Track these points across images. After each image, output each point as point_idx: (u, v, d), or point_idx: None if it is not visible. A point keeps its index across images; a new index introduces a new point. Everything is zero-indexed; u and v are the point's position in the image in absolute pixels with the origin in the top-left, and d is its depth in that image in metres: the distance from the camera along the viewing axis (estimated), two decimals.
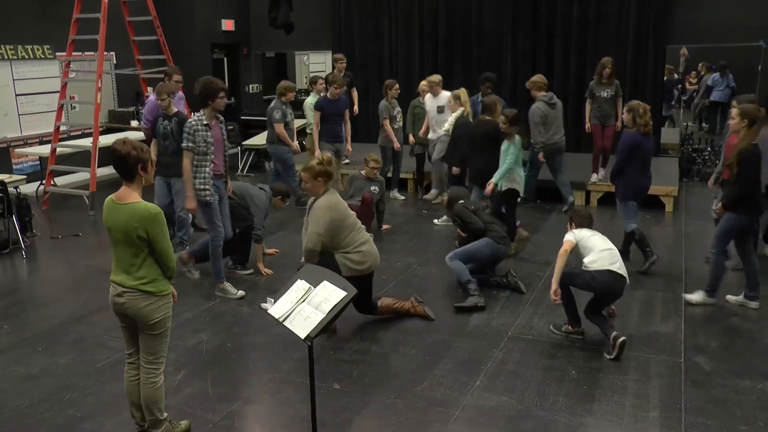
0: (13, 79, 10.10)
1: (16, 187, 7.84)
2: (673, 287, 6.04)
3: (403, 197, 9.36)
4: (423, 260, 6.83)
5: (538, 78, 8.25)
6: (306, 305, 3.37)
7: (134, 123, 11.45)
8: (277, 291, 3.66)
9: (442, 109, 8.61)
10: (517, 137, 6.83)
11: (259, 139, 11.05)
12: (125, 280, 3.49)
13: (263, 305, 5.31)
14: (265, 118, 9.79)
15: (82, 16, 9.31)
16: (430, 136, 8.86)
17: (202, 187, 5.60)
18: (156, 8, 10.11)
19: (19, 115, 10.24)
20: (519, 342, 5.01)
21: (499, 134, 6.90)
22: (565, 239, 5.09)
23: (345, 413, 4.11)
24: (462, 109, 8.10)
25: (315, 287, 3.42)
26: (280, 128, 8.16)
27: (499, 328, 5.25)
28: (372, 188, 7.51)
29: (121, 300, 3.51)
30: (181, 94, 7.82)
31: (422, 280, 6.35)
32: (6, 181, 7.52)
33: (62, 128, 9.81)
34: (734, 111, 5.45)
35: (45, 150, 9.68)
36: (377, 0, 12.11)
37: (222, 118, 5.84)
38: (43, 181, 9.49)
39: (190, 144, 5.53)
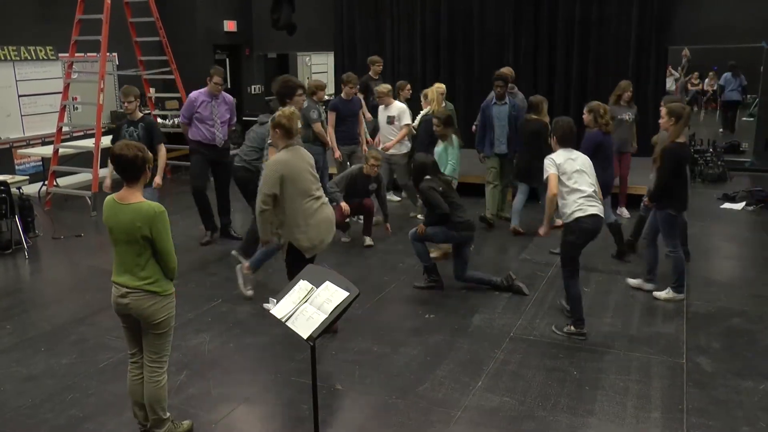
0: (16, 80, 10.12)
1: (18, 188, 7.87)
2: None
3: (399, 198, 9.28)
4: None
5: (507, 70, 8.38)
6: (308, 305, 3.38)
7: None
8: (279, 291, 3.67)
9: (392, 120, 8.12)
10: (453, 137, 7.04)
11: None
12: (129, 281, 3.50)
13: (266, 305, 5.32)
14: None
15: (85, 17, 9.33)
16: (393, 150, 8.19)
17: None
18: (158, 9, 10.13)
19: (21, 115, 10.26)
20: (521, 343, 5.01)
21: (546, 133, 6.98)
22: (549, 175, 5.09)
23: (347, 413, 4.11)
24: (429, 107, 8.10)
25: (317, 288, 3.43)
26: (318, 127, 7.71)
27: (501, 328, 5.25)
28: (371, 186, 7.41)
29: (125, 301, 3.51)
30: (229, 98, 7.53)
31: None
32: (9, 181, 7.53)
33: (65, 129, 9.83)
34: (663, 110, 5.71)
35: (47, 151, 9.70)
36: (379, 1, 12.12)
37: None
38: (46, 182, 9.51)
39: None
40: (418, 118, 8.30)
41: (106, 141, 9.23)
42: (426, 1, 11.71)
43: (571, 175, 5.09)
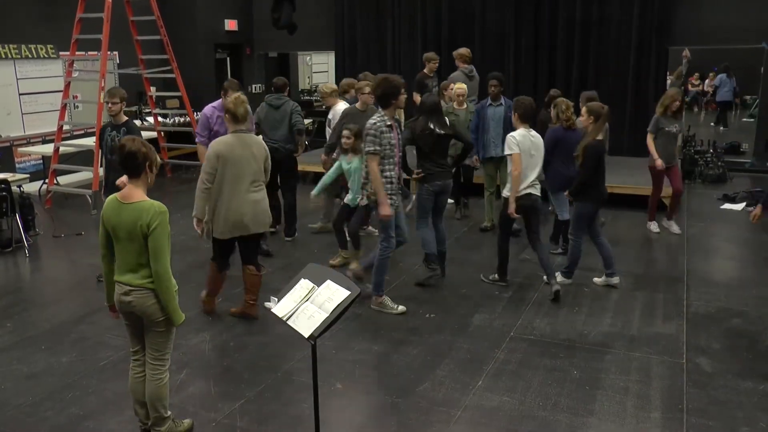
0: (17, 78, 10.12)
1: (19, 186, 7.88)
2: (675, 289, 6.04)
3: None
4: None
5: (465, 50, 8.93)
6: (309, 304, 3.38)
7: (137, 122, 11.45)
8: (280, 290, 3.67)
9: (329, 123, 7.59)
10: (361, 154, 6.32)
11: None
12: (132, 279, 3.50)
13: (267, 304, 5.31)
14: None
15: (86, 16, 9.34)
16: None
17: (369, 189, 5.32)
18: (159, 8, 10.14)
19: (22, 114, 10.27)
20: (521, 342, 5.01)
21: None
22: (512, 155, 5.61)
23: (347, 413, 4.12)
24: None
25: (318, 286, 3.43)
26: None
27: (500, 328, 5.26)
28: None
29: (128, 299, 3.52)
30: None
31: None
32: (9, 179, 7.53)
33: (65, 127, 9.83)
34: (583, 110, 5.97)
35: (48, 149, 9.71)
36: (380, 1, 12.13)
37: (398, 118, 5.52)
38: (46, 180, 9.51)
39: (376, 147, 5.15)
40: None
41: None
42: (427, 1, 11.72)
43: (525, 157, 5.67)
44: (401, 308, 5.59)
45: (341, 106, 7.45)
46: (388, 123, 5.22)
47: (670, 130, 7.42)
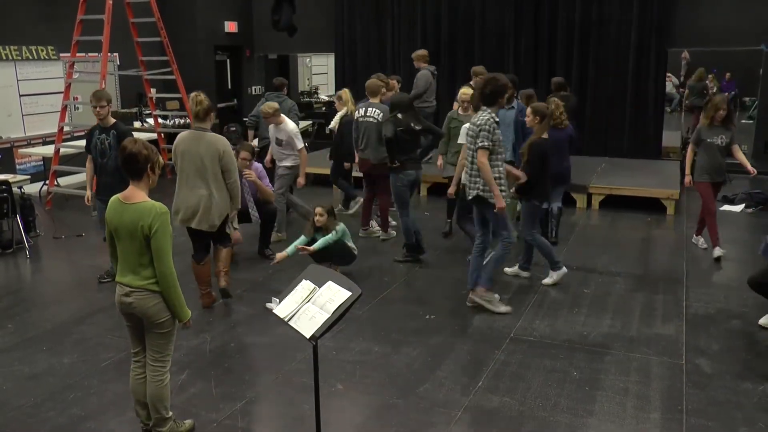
0: (17, 80, 10.14)
1: (20, 187, 7.89)
2: (674, 290, 6.06)
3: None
4: (426, 262, 6.84)
5: (424, 51, 9.31)
6: (311, 305, 3.39)
7: (137, 124, 11.49)
8: (281, 291, 3.69)
9: (281, 142, 7.34)
10: (339, 226, 6.27)
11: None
12: (133, 281, 3.51)
13: (268, 305, 5.36)
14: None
15: (87, 18, 9.35)
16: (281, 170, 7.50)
17: (484, 187, 5.35)
18: (159, 10, 10.15)
19: (23, 115, 10.28)
20: (521, 344, 5.03)
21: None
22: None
23: (348, 414, 4.13)
24: (345, 108, 8.16)
25: (320, 287, 3.45)
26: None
27: (500, 329, 5.27)
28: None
29: (128, 300, 3.53)
30: (258, 167, 6.90)
31: (424, 282, 6.37)
32: (10, 181, 7.54)
33: (66, 129, 9.84)
34: (528, 110, 6.15)
35: (48, 150, 9.72)
36: (380, 3, 12.15)
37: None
38: (47, 182, 9.52)
39: (490, 143, 5.24)
40: (336, 118, 8.38)
41: None
42: (427, 2, 11.75)
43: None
44: (505, 308, 5.59)
45: (290, 126, 7.31)
46: (497, 120, 5.38)
47: (713, 141, 6.70)
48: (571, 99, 8.57)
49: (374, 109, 7.31)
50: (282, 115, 7.34)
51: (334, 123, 8.44)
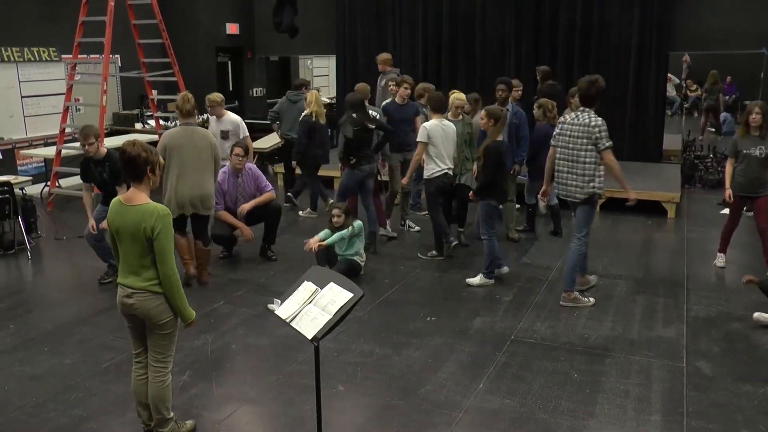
0: (19, 81, 10.16)
1: (21, 189, 7.90)
2: (675, 293, 6.06)
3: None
4: (425, 264, 6.85)
5: (388, 55, 9.30)
6: (313, 306, 3.40)
7: (138, 125, 11.50)
8: (283, 292, 3.69)
9: (226, 134, 7.44)
10: (357, 223, 6.38)
11: (263, 143, 11.07)
12: (134, 282, 3.52)
13: (270, 306, 5.37)
14: (269, 122, 9.88)
15: (88, 19, 9.37)
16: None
17: (600, 185, 5.53)
18: (161, 12, 10.16)
19: (24, 116, 10.30)
20: (521, 345, 5.03)
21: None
22: (419, 138, 6.64)
23: (349, 415, 4.13)
24: (309, 109, 8.23)
25: (321, 289, 3.46)
26: None
27: (501, 331, 5.28)
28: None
29: (130, 301, 3.54)
30: (252, 166, 7.07)
31: (425, 283, 6.38)
32: (12, 182, 7.56)
33: (67, 130, 9.85)
34: (482, 113, 6.32)
35: (50, 152, 9.73)
36: (381, 5, 12.17)
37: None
38: (48, 183, 9.53)
39: (610, 142, 5.48)
40: (300, 119, 8.51)
41: (108, 143, 9.27)
42: (428, 4, 11.75)
43: (437, 143, 6.61)
44: (592, 300, 5.82)
45: (233, 116, 7.60)
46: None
47: (750, 152, 6.23)
48: (556, 88, 8.81)
49: (371, 112, 7.47)
50: (224, 106, 7.67)
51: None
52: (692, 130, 13.81)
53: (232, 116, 7.66)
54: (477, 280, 6.25)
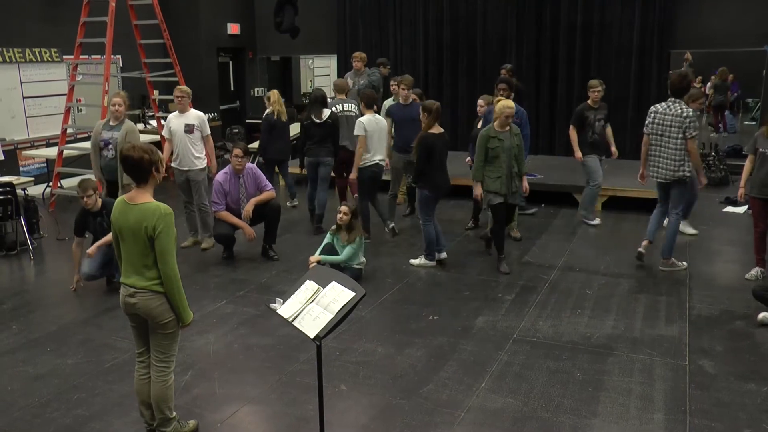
0: (21, 82, 10.17)
1: (23, 189, 7.91)
2: (678, 291, 6.05)
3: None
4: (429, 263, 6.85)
5: (364, 54, 9.76)
6: (315, 306, 3.40)
7: (140, 126, 11.50)
8: (285, 292, 3.69)
9: (191, 128, 7.15)
10: (357, 240, 6.30)
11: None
12: (137, 282, 3.53)
13: (272, 305, 5.36)
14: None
15: (90, 20, 9.38)
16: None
17: (688, 169, 6.16)
18: (162, 12, 10.17)
19: (26, 117, 10.31)
20: (524, 344, 5.03)
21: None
22: (360, 136, 7.15)
23: (351, 414, 4.13)
24: (271, 108, 8.60)
25: (324, 288, 3.45)
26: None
27: (504, 330, 5.28)
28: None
29: (132, 300, 3.54)
30: (252, 166, 7.09)
31: (426, 283, 6.38)
32: (14, 182, 7.57)
33: (69, 131, 9.87)
34: (421, 107, 6.61)
35: (52, 152, 9.74)
36: (382, 5, 12.17)
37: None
38: (50, 183, 9.55)
39: (697, 132, 6.10)
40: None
41: None
42: (429, 4, 11.76)
43: (372, 135, 7.19)
44: (685, 264, 6.60)
45: (198, 112, 7.37)
46: None
47: (766, 151, 6.02)
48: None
49: (349, 104, 8.17)
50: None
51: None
52: (713, 125, 13.78)
53: (197, 112, 7.36)
54: (418, 261, 6.74)
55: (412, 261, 6.78)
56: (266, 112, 8.70)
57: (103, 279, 6.33)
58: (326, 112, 7.83)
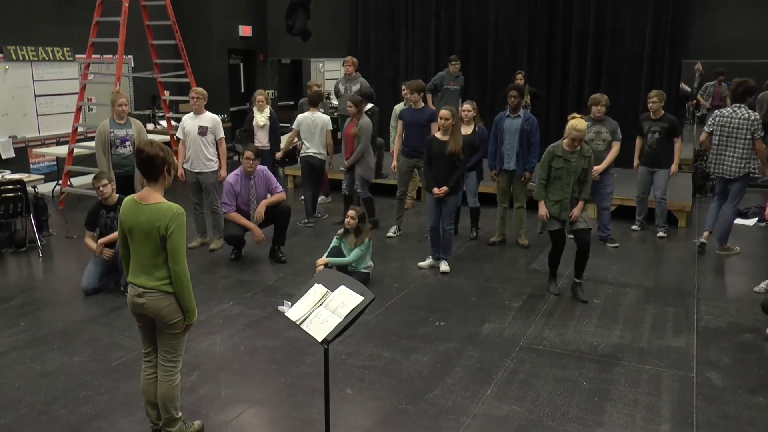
0: (33, 80, 10.23)
1: (33, 187, 7.95)
2: (685, 302, 6.02)
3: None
4: (435, 268, 6.84)
5: (353, 59, 9.96)
6: (323, 309, 3.40)
7: (150, 126, 11.56)
8: (293, 295, 3.70)
9: (204, 130, 7.18)
10: (366, 242, 6.31)
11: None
12: (146, 281, 3.53)
13: (280, 308, 5.35)
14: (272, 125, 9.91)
15: (103, 20, 9.43)
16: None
17: (754, 166, 6.94)
18: (175, 13, 10.22)
19: (37, 115, 10.37)
20: (530, 352, 5.02)
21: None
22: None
23: (356, 418, 4.13)
24: (268, 107, 9.03)
25: (332, 291, 3.46)
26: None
27: (510, 338, 5.26)
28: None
29: (141, 300, 3.55)
30: (263, 168, 7.07)
31: (433, 288, 6.37)
32: (24, 180, 7.61)
33: (80, 129, 9.92)
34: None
35: (62, 150, 9.78)
36: (394, 9, 12.19)
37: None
38: (60, 181, 9.59)
39: (763, 133, 6.75)
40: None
41: None
42: (440, 9, 11.77)
43: (303, 129, 8.13)
44: (738, 248, 7.37)
45: (212, 114, 7.42)
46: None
47: None
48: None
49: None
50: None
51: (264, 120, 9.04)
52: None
53: (212, 114, 7.40)
54: (444, 266, 6.76)
55: (443, 268, 6.71)
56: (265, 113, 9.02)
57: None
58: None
